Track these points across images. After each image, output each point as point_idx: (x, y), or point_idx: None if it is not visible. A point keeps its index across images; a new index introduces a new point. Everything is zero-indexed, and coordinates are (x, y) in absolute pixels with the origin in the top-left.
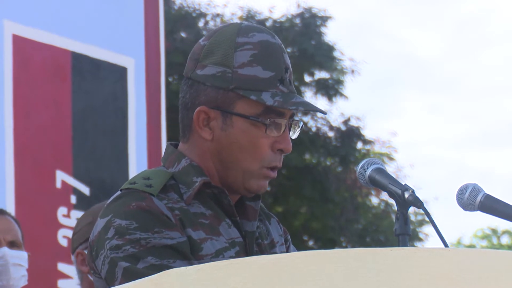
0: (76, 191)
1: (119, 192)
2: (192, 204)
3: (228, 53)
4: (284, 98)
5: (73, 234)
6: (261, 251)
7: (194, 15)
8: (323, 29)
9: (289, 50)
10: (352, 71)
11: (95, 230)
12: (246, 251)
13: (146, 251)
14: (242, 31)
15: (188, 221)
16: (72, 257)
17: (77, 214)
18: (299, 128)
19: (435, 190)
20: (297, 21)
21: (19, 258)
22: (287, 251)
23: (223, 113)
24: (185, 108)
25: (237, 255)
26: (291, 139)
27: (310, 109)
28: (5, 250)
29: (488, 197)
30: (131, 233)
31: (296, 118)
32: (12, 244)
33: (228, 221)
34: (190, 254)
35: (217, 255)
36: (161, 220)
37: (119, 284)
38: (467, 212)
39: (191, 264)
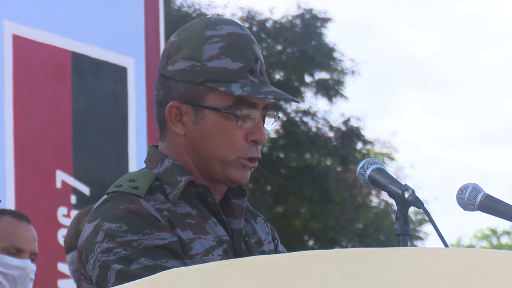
0: (76, 191)
1: (105, 196)
2: (178, 204)
3: (196, 47)
4: (254, 88)
5: (80, 231)
6: (249, 250)
7: (194, 15)
8: (323, 30)
9: (289, 50)
10: (353, 72)
11: (83, 235)
12: (234, 249)
13: (139, 253)
14: (211, 24)
15: (176, 222)
16: (70, 256)
17: None
18: (275, 120)
19: (435, 190)
20: (297, 22)
21: (33, 272)
22: (275, 249)
23: (194, 107)
24: (159, 105)
25: (225, 253)
26: (267, 130)
27: (281, 97)
28: (28, 263)
29: (488, 197)
30: (122, 235)
31: (271, 110)
32: (33, 257)
33: (214, 220)
34: (182, 254)
35: (207, 254)
36: (150, 221)
37: (113, 286)
38: (467, 212)
39: (184, 263)
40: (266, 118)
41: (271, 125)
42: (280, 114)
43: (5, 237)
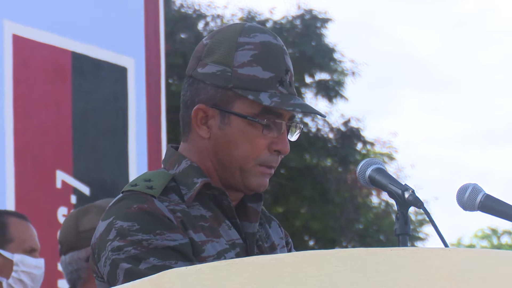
0: (76, 191)
1: (120, 195)
2: (193, 206)
3: (229, 52)
4: (282, 99)
5: (81, 232)
6: (262, 254)
7: (194, 16)
8: (323, 31)
9: (289, 51)
10: (353, 73)
11: (96, 233)
12: (247, 252)
13: (148, 252)
14: (245, 31)
15: (189, 223)
16: (69, 256)
17: None
18: (299, 130)
19: (435, 190)
20: (297, 22)
21: None
22: None
23: (221, 112)
24: (185, 106)
25: (238, 256)
26: (290, 141)
27: (308, 111)
28: (43, 261)
29: (488, 197)
30: (133, 234)
31: (296, 120)
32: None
33: (228, 223)
34: (192, 256)
35: (219, 257)
36: (163, 222)
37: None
38: (467, 212)
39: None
40: (291, 129)
41: (294, 136)
42: None
43: (22, 238)
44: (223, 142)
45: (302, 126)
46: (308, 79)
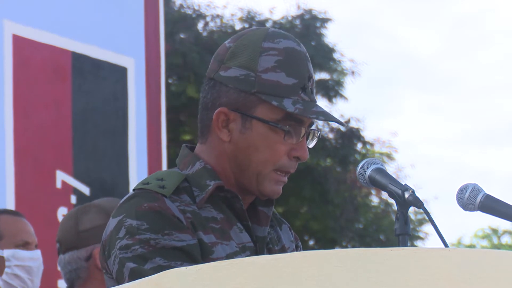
0: (76, 191)
1: (132, 192)
2: (204, 207)
3: (253, 57)
4: (305, 106)
5: (81, 231)
6: None
7: (194, 16)
8: (323, 31)
9: None
10: (353, 73)
11: (107, 229)
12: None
13: (155, 252)
14: (269, 36)
15: (199, 225)
16: (69, 255)
17: None
18: (316, 138)
19: (435, 190)
20: (297, 22)
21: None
22: None
23: (243, 116)
24: (205, 108)
25: None
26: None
27: (330, 119)
28: (39, 253)
29: (488, 197)
30: (141, 233)
31: (314, 129)
32: (36, 248)
33: (240, 226)
34: (199, 257)
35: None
36: (172, 222)
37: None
38: (467, 212)
39: None
40: (309, 135)
41: (312, 143)
42: None
43: (12, 233)
44: (243, 146)
45: (320, 134)
46: None
